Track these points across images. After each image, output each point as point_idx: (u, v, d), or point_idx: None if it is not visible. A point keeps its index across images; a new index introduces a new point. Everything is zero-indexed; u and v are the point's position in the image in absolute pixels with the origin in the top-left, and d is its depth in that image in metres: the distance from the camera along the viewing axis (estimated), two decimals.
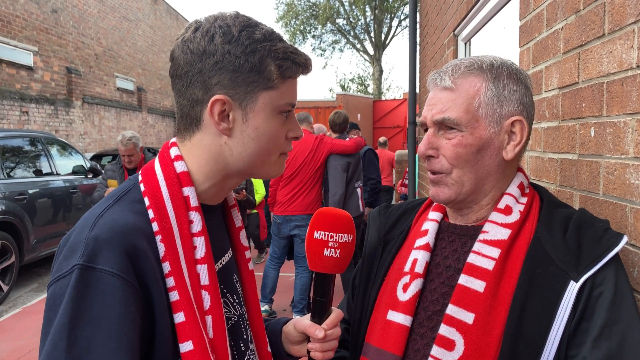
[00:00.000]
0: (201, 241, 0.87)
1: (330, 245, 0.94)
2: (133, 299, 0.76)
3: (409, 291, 1.00)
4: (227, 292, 0.97)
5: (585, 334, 0.83)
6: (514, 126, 0.97)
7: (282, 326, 1.12)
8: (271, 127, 0.89)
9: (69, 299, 0.72)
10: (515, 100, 0.98)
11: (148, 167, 0.92)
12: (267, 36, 0.87)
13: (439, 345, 0.91)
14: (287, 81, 0.90)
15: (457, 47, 3.63)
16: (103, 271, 0.74)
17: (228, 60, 0.84)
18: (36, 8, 11.39)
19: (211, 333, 0.84)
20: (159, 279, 0.80)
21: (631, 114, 1.05)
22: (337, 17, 29.25)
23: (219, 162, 0.90)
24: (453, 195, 0.99)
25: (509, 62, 1.00)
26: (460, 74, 0.97)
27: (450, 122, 0.96)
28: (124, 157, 4.67)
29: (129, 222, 0.80)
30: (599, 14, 1.19)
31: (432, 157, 1.00)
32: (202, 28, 0.86)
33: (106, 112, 14.35)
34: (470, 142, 0.96)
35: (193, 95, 0.87)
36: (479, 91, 0.96)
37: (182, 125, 0.92)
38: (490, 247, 0.94)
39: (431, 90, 1.03)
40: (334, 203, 4.90)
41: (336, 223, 0.96)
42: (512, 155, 0.97)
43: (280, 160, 0.95)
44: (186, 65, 0.86)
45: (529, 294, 0.88)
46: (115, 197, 0.87)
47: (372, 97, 23.64)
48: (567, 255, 0.88)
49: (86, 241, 0.76)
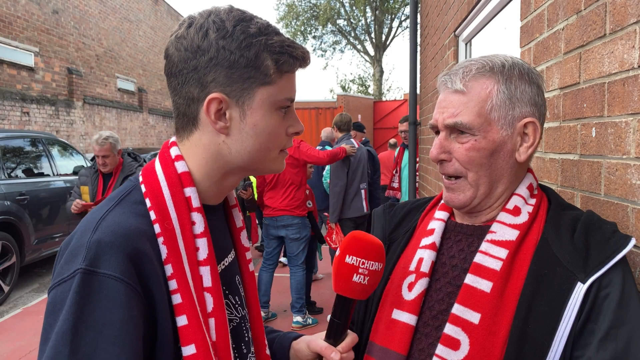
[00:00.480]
0: (204, 242, 0.85)
1: (360, 272, 0.92)
2: (136, 303, 0.74)
3: (414, 290, 1.00)
4: (229, 294, 0.96)
5: (592, 335, 0.83)
6: (526, 128, 0.97)
7: (292, 341, 1.09)
8: (270, 123, 0.87)
9: (71, 303, 0.71)
10: (528, 101, 0.96)
11: (148, 167, 0.90)
12: (262, 30, 0.84)
13: (444, 345, 0.91)
14: (285, 75, 0.87)
15: (457, 48, 3.62)
16: (106, 275, 0.73)
17: (223, 56, 0.82)
18: (37, 9, 11.40)
19: (214, 336, 0.83)
20: (161, 282, 0.79)
21: (633, 114, 1.04)
22: (338, 18, 29.25)
23: (219, 161, 0.89)
24: (468, 201, 0.99)
25: (520, 61, 0.99)
26: (471, 76, 0.96)
27: (462, 126, 0.95)
28: (98, 159, 4.16)
29: (131, 224, 0.79)
30: (600, 14, 1.19)
31: (445, 161, 0.99)
32: (195, 24, 0.84)
33: (107, 112, 14.35)
34: (484, 145, 0.95)
35: (189, 93, 0.85)
36: (491, 94, 0.95)
37: (179, 124, 0.90)
38: (498, 248, 0.94)
39: (442, 92, 1.01)
40: (335, 194, 5.01)
41: (369, 250, 0.94)
42: (525, 157, 0.97)
43: (281, 156, 0.93)
44: (180, 63, 0.84)
45: (535, 295, 0.88)
46: (116, 198, 0.85)
47: (372, 98, 23.62)
48: (575, 257, 0.88)
49: (88, 245, 0.75)
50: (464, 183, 0.98)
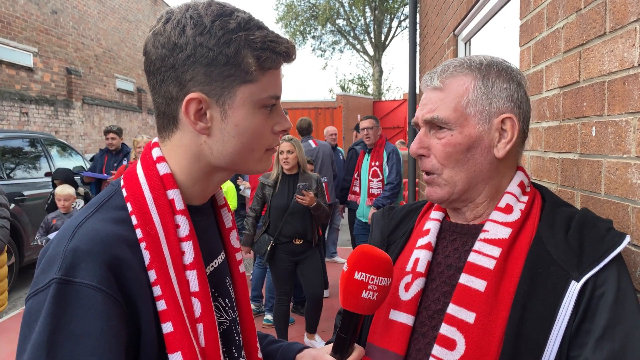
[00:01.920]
0: (189, 246, 0.82)
1: (369, 288, 0.91)
2: (116, 312, 0.71)
3: (410, 290, 1.00)
4: (218, 297, 0.93)
5: (588, 334, 0.82)
6: (504, 124, 0.97)
7: (296, 354, 1.07)
8: (253, 122, 0.83)
9: (47, 314, 0.68)
10: (506, 97, 0.97)
11: (130, 170, 0.87)
12: (242, 25, 0.80)
13: (440, 345, 0.91)
14: (268, 72, 0.83)
15: (457, 47, 3.62)
16: (82, 284, 0.70)
17: (201, 53, 0.78)
18: (36, 9, 11.38)
19: (202, 341, 0.81)
20: (145, 288, 0.76)
21: (633, 113, 1.04)
22: (337, 17, 29.26)
23: (201, 161, 0.86)
24: (446, 195, 0.99)
25: (499, 60, 1.00)
26: (449, 74, 0.98)
27: (439, 121, 0.96)
28: None
29: (109, 231, 0.75)
30: (600, 12, 1.18)
31: (424, 157, 1.01)
32: (172, 19, 0.80)
33: (106, 113, 14.35)
34: (460, 140, 0.96)
35: (167, 92, 0.81)
36: (468, 89, 0.96)
37: (160, 124, 0.87)
38: (491, 246, 0.93)
39: (424, 91, 1.04)
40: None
41: (378, 266, 0.92)
42: (503, 153, 0.97)
43: (266, 155, 0.89)
44: (158, 61, 0.80)
45: (530, 294, 0.87)
46: (96, 204, 0.82)
47: (372, 98, 23.65)
48: (569, 255, 0.87)
49: (64, 253, 0.72)
50: (439, 179, 0.99)
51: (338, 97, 18.64)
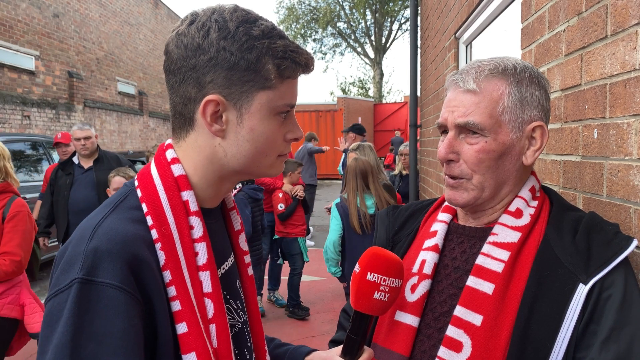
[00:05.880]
0: (203, 247, 0.83)
1: (381, 289, 0.91)
2: (137, 311, 0.72)
3: (417, 292, 1.00)
4: (230, 299, 0.93)
5: (594, 336, 0.83)
6: (534, 131, 0.97)
7: (305, 356, 1.08)
8: (268, 128, 0.85)
9: (70, 315, 0.68)
10: (537, 105, 0.97)
11: (144, 171, 0.88)
12: (266, 33, 0.82)
13: (446, 347, 0.91)
14: (286, 81, 0.85)
15: (458, 50, 3.63)
16: (104, 284, 0.70)
17: (223, 57, 0.80)
18: (38, 13, 11.42)
19: (215, 342, 0.81)
20: (161, 288, 0.77)
21: (634, 115, 1.04)
22: (338, 20, 29.33)
23: (214, 164, 0.87)
24: (472, 200, 0.98)
25: (530, 65, 0.99)
26: (484, 77, 0.96)
27: (473, 126, 0.94)
28: None
29: (128, 231, 0.76)
30: (602, 15, 1.19)
31: (452, 162, 0.99)
32: (197, 21, 0.82)
33: (107, 116, 14.36)
34: (494, 147, 0.94)
35: (186, 92, 0.83)
36: (503, 95, 0.95)
37: (176, 124, 0.88)
38: (500, 250, 0.93)
39: (451, 91, 1.00)
40: None
41: (390, 267, 0.93)
42: (531, 160, 0.97)
43: (279, 161, 0.91)
44: (179, 61, 0.82)
45: (537, 296, 0.87)
46: (111, 204, 0.83)
47: (372, 101, 23.65)
48: (577, 258, 0.88)
49: (85, 253, 0.72)
50: (468, 184, 0.98)
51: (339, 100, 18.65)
